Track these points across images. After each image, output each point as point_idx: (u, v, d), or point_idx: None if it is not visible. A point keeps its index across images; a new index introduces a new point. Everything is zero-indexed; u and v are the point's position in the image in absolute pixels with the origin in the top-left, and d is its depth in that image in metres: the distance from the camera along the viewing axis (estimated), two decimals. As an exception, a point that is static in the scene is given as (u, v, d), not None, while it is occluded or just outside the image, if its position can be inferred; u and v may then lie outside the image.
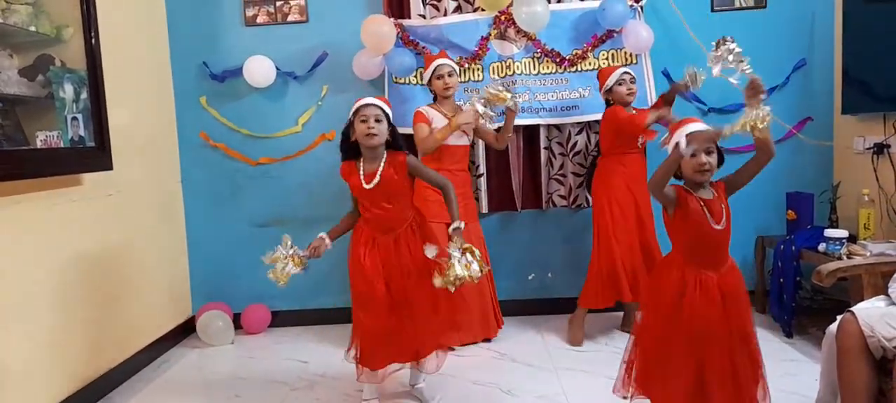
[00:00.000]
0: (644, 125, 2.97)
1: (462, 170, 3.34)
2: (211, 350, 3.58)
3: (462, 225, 2.35)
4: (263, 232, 3.87)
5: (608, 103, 3.27)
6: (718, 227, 1.92)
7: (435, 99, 3.33)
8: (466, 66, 3.61)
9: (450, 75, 3.24)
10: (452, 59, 3.36)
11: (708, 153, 1.91)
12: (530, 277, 3.54)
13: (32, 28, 2.55)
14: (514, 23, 3.53)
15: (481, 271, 2.25)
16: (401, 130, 3.60)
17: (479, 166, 3.68)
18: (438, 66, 3.26)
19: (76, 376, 2.79)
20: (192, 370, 3.33)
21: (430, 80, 3.30)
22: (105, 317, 3.02)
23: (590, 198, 3.47)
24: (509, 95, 3.03)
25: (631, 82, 3.19)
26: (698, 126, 1.90)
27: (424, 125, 3.21)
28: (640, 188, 3.21)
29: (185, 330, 3.79)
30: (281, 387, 2.99)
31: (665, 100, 3.16)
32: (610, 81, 3.20)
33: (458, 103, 3.33)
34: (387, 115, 2.46)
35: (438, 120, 3.24)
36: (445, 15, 3.63)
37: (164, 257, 3.64)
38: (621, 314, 3.54)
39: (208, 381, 3.16)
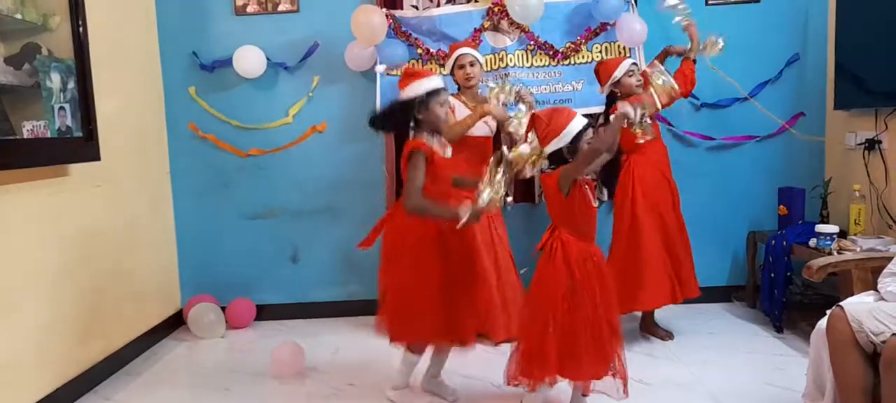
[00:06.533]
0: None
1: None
2: (200, 343, 3.56)
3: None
4: (253, 224, 3.85)
5: (613, 97, 3.09)
6: (595, 205, 2.22)
7: (459, 89, 3.23)
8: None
9: (472, 65, 3.13)
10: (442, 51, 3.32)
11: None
12: (523, 271, 3.52)
13: (18, 16, 2.50)
14: (507, 14, 3.51)
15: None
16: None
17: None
18: (460, 55, 3.14)
19: (64, 369, 2.77)
20: (181, 363, 3.30)
21: (451, 70, 3.20)
22: (93, 310, 2.99)
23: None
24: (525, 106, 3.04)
25: (640, 74, 3.08)
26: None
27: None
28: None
29: (174, 323, 3.77)
30: (270, 381, 2.97)
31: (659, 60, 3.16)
32: (618, 73, 3.03)
33: (482, 95, 3.24)
34: None
35: (460, 109, 3.15)
36: (438, 6, 3.61)
37: (152, 249, 3.61)
38: (640, 315, 3.34)
39: (197, 374, 3.14)
